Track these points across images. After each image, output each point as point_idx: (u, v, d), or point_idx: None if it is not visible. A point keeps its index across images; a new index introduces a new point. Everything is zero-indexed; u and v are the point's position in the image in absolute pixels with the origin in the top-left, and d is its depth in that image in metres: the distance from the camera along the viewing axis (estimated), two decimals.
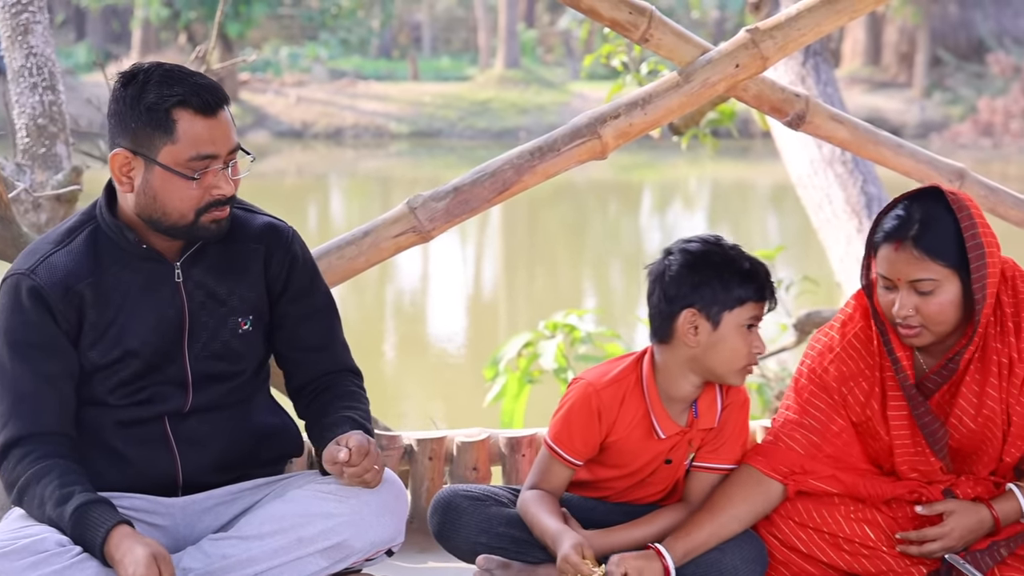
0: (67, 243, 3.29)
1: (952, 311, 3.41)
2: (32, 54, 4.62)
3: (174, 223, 3.23)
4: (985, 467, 3.53)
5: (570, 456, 3.53)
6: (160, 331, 3.29)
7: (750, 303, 3.42)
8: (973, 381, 3.47)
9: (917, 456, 3.52)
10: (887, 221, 3.43)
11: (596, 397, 3.50)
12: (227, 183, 3.23)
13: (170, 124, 3.17)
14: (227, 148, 3.23)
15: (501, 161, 4.15)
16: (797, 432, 3.54)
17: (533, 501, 3.52)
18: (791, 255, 13.56)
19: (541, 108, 31.92)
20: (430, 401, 10.44)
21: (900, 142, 4.48)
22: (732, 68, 4.14)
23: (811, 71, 7.32)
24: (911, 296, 3.40)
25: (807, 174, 7.33)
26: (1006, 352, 3.46)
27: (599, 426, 3.50)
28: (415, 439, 4.13)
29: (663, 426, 3.51)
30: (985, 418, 3.47)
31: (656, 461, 3.57)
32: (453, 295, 15.22)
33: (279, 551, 3.23)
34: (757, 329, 3.45)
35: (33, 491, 3.16)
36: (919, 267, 3.37)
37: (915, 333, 3.43)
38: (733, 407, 3.56)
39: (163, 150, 3.18)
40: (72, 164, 4.65)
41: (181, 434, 3.33)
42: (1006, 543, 3.47)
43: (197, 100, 3.18)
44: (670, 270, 3.45)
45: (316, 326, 3.46)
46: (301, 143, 30.48)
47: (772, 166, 17.36)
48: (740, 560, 3.45)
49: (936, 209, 3.39)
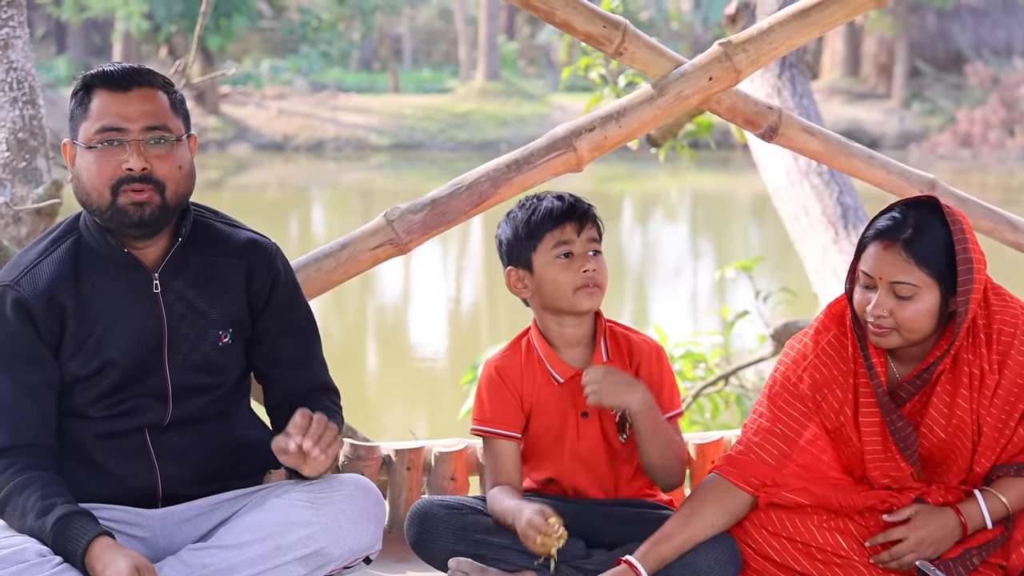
0: (50, 253, 3.32)
1: (926, 320, 3.45)
2: (12, 68, 4.64)
3: (96, 204, 3.26)
4: (955, 476, 3.56)
5: (500, 429, 3.66)
6: (139, 342, 3.31)
7: (548, 234, 3.59)
8: (944, 391, 3.51)
9: (888, 462, 3.55)
10: (881, 221, 3.47)
11: (495, 369, 3.69)
12: (136, 158, 3.23)
13: (87, 103, 3.26)
14: (140, 124, 3.25)
15: (478, 174, 4.19)
16: (768, 442, 3.57)
17: (495, 496, 3.61)
18: (770, 266, 13.60)
19: (521, 120, 31.96)
20: (410, 412, 10.45)
21: (872, 154, 4.53)
22: (705, 81, 4.18)
23: (787, 83, 7.36)
24: (889, 298, 3.44)
25: (783, 185, 7.36)
26: (977, 363, 3.50)
27: (509, 393, 3.66)
28: (393, 449, 4.16)
29: (558, 370, 3.66)
30: (955, 427, 3.51)
31: (572, 415, 3.66)
32: (434, 307, 15.24)
33: (258, 559, 3.25)
34: (585, 252, 3.58)
35: (15, 502, 3.18)
36: (903, 270, 3.42)
37: (884, 334, 3.47)
38: (646, 360, 3.68)
39: (81, 128, 3.26)
40: (52, 178, 4.67)
41: (161, 446, 3.35)
42: (978, 551, 3.50)
43: (108, 77, 3.26)
44: (496, 245, 3.70)
45: (294, 344, 3.47)
46: (282, 156, 30.46)
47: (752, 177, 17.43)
48: (714, 560, 3.50)
49: (931, 219, 3.44)
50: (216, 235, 3.40)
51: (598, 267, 3.61)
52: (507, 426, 3.67)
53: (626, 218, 23.34)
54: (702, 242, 20.16)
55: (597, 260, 3.62)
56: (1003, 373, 3.50)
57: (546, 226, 3.60)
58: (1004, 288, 3.59)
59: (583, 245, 3.60)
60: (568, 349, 3.69)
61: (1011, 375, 3.50)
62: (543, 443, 3.71)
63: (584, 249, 3.60)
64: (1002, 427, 3.51)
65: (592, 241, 3.62)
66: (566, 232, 3.60)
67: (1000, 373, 3.50)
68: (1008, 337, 3.51)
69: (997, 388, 3.50)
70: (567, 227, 3.60)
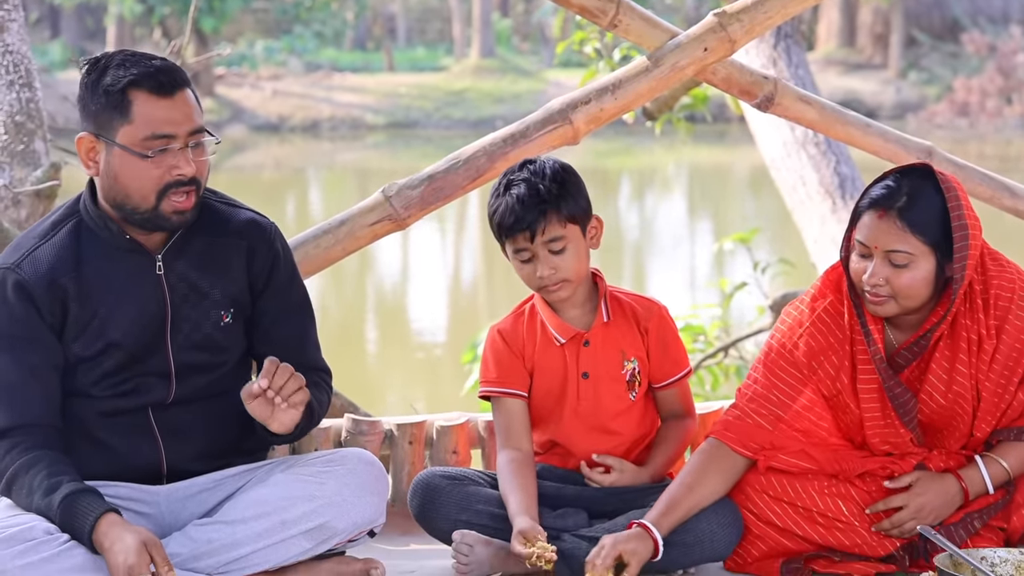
0: (51, 236, 3.33)
1: (923, 287, 3.46)
2: (8, 51, 4.65)
3: (136, 206, 3.26)
4: (956, 441, 3.58)
5: (507, 388, 3.71)
6: (142, 323, 3.32)
7: (507, 241, 3.63)
8: (943, 357, 3.52)
9: (887, 428, 3.57)
10: (875, 189, 3.48)
11: (499, 332, 3.75)
12: (187, 164, 3.25)
13: (126, 105, 3.21)
14: (186, 129, 3.25)
15: (474, 148, 4.19)
16: (763, 408, 3.59)
17: (504, 473, 3.63)
18: (767, 237, 13.62)
19: (517, 97, 31.90)
20: (411, 388, 10.47)
21: (868, 122, 4.53)
22: (700, 52, 4.19)
23: (782, 54, 7.36)
24: (884, 266, 3.45)
25: (780, 156, 7.37)
26: (975, 328, 3.52)
27: (512, 355, 3.72)
28: (395, 424, 4.18)
29: (559, 331, 3.70)
30: (955, 394, 3.52)
31: (573, 376, 3.70)
32: (433, 283, 15.25)
33: (263, 534, 3.28)
34: (543, 253, 3.59)
35: (21, 481, 3.20)
36: (898, 238, 3.43)
37: (881, 302, 3.48)
38: (655, 324, 3.74)
39: (120, 131, 3.23)
40: (51, 160, 4.69)
41: (165, 424, 3.37)
42: (979, 514, 3.52)
43: (151, 81, 3.22)
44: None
45: (290, 324, 3.48)
46: (278, 137, 30.42)
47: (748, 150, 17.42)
48: (716, 525, 3.53)
49: (925, 186, 3.45)
50: (216, 216, 3.41)
51: (558, 266, 3.60)
52: (513, 385, 3.72)
53: (623, 193, 23.35)
54: (699, 215, 20.16)
55: (559, 258, 3.60)
56: (1001, 338, 3.52)
57: (503, 233, 3.62)
58: (1001, 254, 3.60)
59: (540, 248, 3.59)
60: (569, 310, 3.73)
61: (1009, 340, 3.51)
62: (545, 405, 3.74)
63: (542, 252, 3.60)
64: (1001, 392, 3.53)
65: (551, 241, 3.59)
66: (518, 242, 3.61)
67: (998, 338, 3.52)
68: (1005, 302, 3.52)
69: (995, 353, 3.52)
70: (518, 238, 3.60)
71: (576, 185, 3.64)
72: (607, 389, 3.71)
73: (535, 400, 3.75)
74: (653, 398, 3.79)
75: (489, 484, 3.69)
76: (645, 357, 3.74)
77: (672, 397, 3.79)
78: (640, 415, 3.74)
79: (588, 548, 3.49)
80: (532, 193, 3.57)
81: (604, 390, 3.71)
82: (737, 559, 3.61)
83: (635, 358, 3.73)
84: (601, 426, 3.70)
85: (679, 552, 3.51)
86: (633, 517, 3.52)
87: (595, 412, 3.71)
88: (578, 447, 3.73)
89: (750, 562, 3.60)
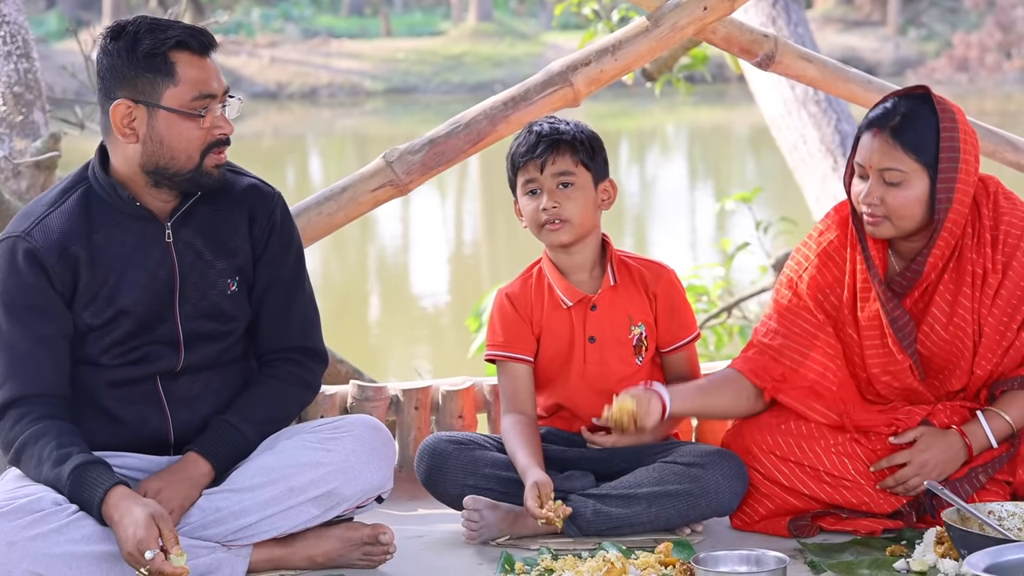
0: (60, 204, 3.32)
1: (917, 208, 3.48)
2: (5, 22, 4.64)
3: (181, 167, 3.27)
4: (957, 380, 3.59)
5: (513, 352, 3.73)
6: (152, 291, 3.32)
7: (520, 171, 3.68)
8: (947, 290, 3.55)
9: (886, 356, 3.58)
10: (874, 111, 3.54)
11: (506, 296, 3.77)
12: (226, 122, 3.30)
13: (170, 67, 3.23)
14: (222, 88, 3.29)
15: (475, 112, 4.19)
16: (776, 340, 3.65)
17: (509, 433, 3.65)
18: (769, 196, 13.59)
19: (515, 60, 31.82)
20: (415, 353, 10.48)
21: (869, 78, 4.51)
22: (700, 11, 4.17)
23: (781, 12, 7.34)
24: (879, 185, 3.49)
25: (781, 115, 7.36)
26: (981, 262, 3.54)
27: (520, 317, 3.74)
28: (401, 389, 4.18)
29: (567, 294, 3.71)
30: (956, 327, 3.54)
31: (580, 339, 3.71)
32: (435, 248, 15.25)
33: (271, 501, 3.29)
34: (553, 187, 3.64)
35: (30, 451, 3.20)
36: (891, 157, 3.46)
37: (877, 222, 3.51)
38: (664, 288, 3.76)
39: (166, 94, 3.23)
40: (50, 131, 4.68)
41: (173, 393, 3.37)
42: (984, 469, 3.53)
43: (194, 41, 3.25)
44: None
45: (277, 297, 3.46)
46: (276, 104, 30.36)
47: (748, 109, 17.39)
48: (721, 475, 3.56)
49: (922, 108, 3.50)
50: (223, 184, 3.40)
51: (562, 202, 3.63)
52: (520, 349, 3.73)
53: (623, 154, 23.31)
54: (700, 176, 20.14)
55: (565, 194, 3.64)
56: (1007, 274, 3.54)
57: (518, 163, 3.68)
58: (1015, 194, 3.62)
59: (549, 180, 3.64)
60: (576, 274, 3.74)
61: (1015, 277, 3.53)
62: (551, 368, 3.75)
63: (551, 184, 3.64)
64: (1003, 329, 3.54)
65: (561, 175, 3.64)
66: (529, 170, 3.66)
67: (1004, 274, 3.54)
68: (1015, 239, 3.54)
69: (1000, 288, 3.54)
70: (529, 166, 3.66)
71: (598, 141, 3.73)
72: (613, 353, 3.71)
73: (541, 363, 3.76)
74: (660, 363, 3.79)
75: (495, 448, 3.70)
76: (653, 322, 3.75)
77: (679, 361, 3.80)
78: (646, 379, 3.74)
79: (594, 507, 3.51)
80: (552, 130, 3.67)
81: (610, 354, 3.71)
82: (744, 517, 3.63)
83: (642, 323, 3.73)
84: (607, 390, 3.70)
85: (685, 504, 3.54)
86: (640, 475, 3.57)
87: (601, 376, 3.71)
88: (584, 411, 3.74)
89: (757, 520, 3.62)
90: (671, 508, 3.53)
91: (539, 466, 3.54)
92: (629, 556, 3.36)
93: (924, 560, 3.30)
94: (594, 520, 3.55)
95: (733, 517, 3.66)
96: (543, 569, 3.35)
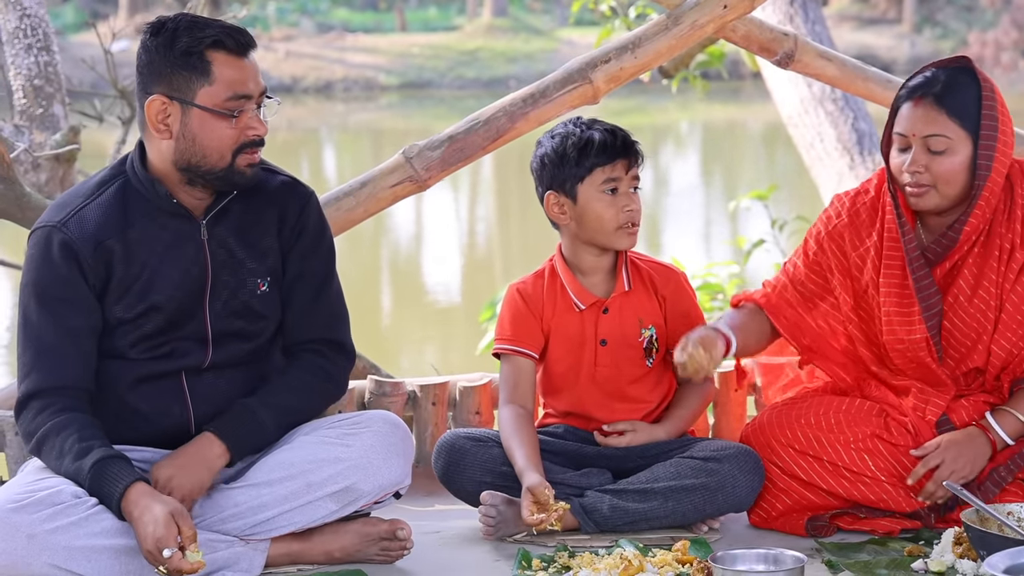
0: (97, 196, 3.32)
1: (962, 175, 3.47)
2: (26, 15, 4.65)
3: (212, 166, 3.27)
4: (975, 360, 3.57)
5: (519, 347, 3.72)
6: (184, 287, 3.33)
7: (598, 169, 3.62)
8: (974, 263, 3.54)
9: (903, 325, 3.57)
10: (913, 80, 3.52)
11: (519, 292, 3.76)
12: (260, 123, 3.29)
13: (206, 66, 3.23)
14: (259, 89, 3.29)
15: (494, 109, 4.19)
16: (797, 284, 3.68)
17: (508, 426, 3.64)
18: (784, 195, 13.58)
19: (530, 56, 31.80)
20: (427, 350, 10.48)
21: (889, 77, 4.51)
22: (720, 9, 4.17)
23: (799, 10, 7.33)
24: (923, 154, 3.47)
25: (798, 113, 7.35)
26: (1009, 237, 3.54)
27: (531, 315, 3.73)
28: (418, 385, 4.19)
29: (579, 297, 3.71)
30: (981, 300, 3.53)
31: (591, 342, 3.71)
32: (450, 244, 15.24)
33: (289, 497, 3.30)
34: (628, 190, 3.64)
35: (52, 443, 3.21)
36: (936, 123, 3.45)
37: (923, 192, 3.49)
38: (673, 291, 3.76)
39: (200, 92, 3.24)
40: (69, 124, 4.68)
41: (197, 389, 3.37)
42: (1007, 467, 3.52)
43: (231, 41, 3.25)
44: (533, 163, 3.72)
45: (306, 289, 3.46)
46: (291, 98, 30.37)
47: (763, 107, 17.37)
48: (738, 470, 3.57)
49: (963, 76, 3.50)
50: (257, 182, 3.40)
51: (638, 206, 3.65)
52: (526, 345, 3.73)
53: None
54: (715, 173, 20.11)
55: (637, 198, 3.66)
56: None
57: (598, 160, 3.63)
58: None
59: (628, 183, 3.65)
60: (591, 276, 3.74)
61: None
62: (560, 370, 3.75)
63: (628, 187, 3.65)
64: None
65: (636, 179, 3.66)
66: (616, 169, 3.64)
67: None
68: None
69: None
70: (618, 164, 3.64)
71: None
72: (624, 356, 3.72)
73: (551, 366, 3.76)
74: (670, 363, 3.79)
75: None
76: (663, 324, 3.75)
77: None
78: (656, 380, 3.75)
79: (611, 502, 3.51)
80: (623, 132, 3.66)
81: (622, 357, 3.71)
82: (762, 513, 3.63)
83: (652, 325, 3.74)
84: (618, 392, 3.71)
85: (701, 498, 3.55)
86: (657, 470, 3.58)
87: (612, 379, 3.72)
88: (596, 413, 3.74)
89: (775, 516, 3.62)
90: (687, 502, 3.54)
91: (536, 467, 3.53)
92: (646, 554, 3.37)
93: (942, 560, 3.30)
94: (611, 515, 3.56)
95: (751, 513, 3.66)
96: (560, 566, 3.36)
